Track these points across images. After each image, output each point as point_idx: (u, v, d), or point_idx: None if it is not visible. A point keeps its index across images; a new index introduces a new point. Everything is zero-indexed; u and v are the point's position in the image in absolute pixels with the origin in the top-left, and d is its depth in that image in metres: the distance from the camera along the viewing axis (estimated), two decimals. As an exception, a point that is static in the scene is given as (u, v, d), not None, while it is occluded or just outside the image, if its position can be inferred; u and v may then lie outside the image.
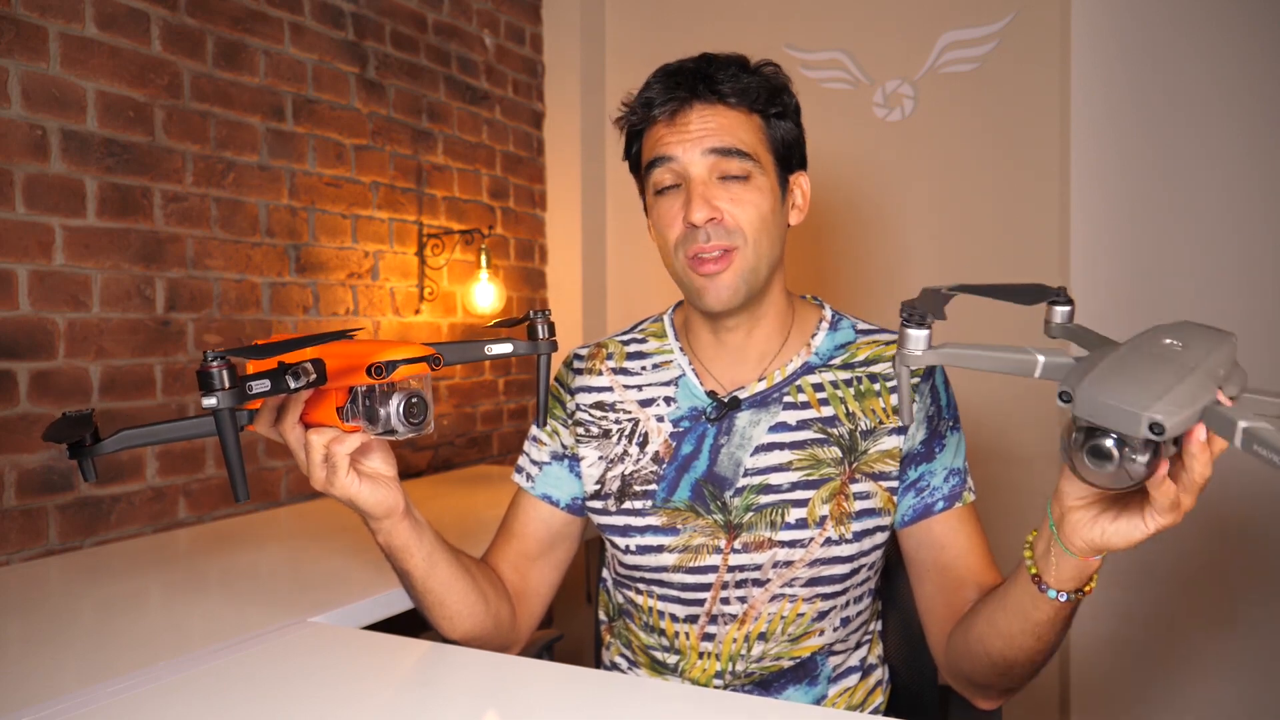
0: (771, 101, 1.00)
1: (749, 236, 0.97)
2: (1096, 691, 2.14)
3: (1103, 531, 0.72)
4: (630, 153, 1.07)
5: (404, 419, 0.80)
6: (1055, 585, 0.79)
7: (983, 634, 0.89)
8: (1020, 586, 0.82)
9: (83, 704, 0.84)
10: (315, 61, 2.00)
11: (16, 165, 1.46)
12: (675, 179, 0.99)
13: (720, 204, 0.96)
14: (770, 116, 1.00)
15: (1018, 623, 0.84)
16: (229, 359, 0.66)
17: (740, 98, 0.98)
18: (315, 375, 0.72)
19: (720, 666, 1.01)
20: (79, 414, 0.70)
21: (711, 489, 1.01)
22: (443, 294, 2.34)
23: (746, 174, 0.97)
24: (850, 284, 2.38)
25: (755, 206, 0.97)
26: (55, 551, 1.51)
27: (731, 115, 0.98)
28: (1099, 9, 2.10)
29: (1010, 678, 0.90)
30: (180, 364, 1.71)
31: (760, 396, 1.03)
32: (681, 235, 0.98)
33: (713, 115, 0.97)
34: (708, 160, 0.96)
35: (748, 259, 0.97)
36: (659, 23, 2.64)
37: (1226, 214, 2.00)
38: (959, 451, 1.02)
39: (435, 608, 0.99)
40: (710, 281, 0.97)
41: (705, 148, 0.96)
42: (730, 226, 0.96)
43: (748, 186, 0.97)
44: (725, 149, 0.96)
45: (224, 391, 0.66)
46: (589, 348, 1.14)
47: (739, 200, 0.97)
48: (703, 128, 0.97)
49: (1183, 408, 0.58)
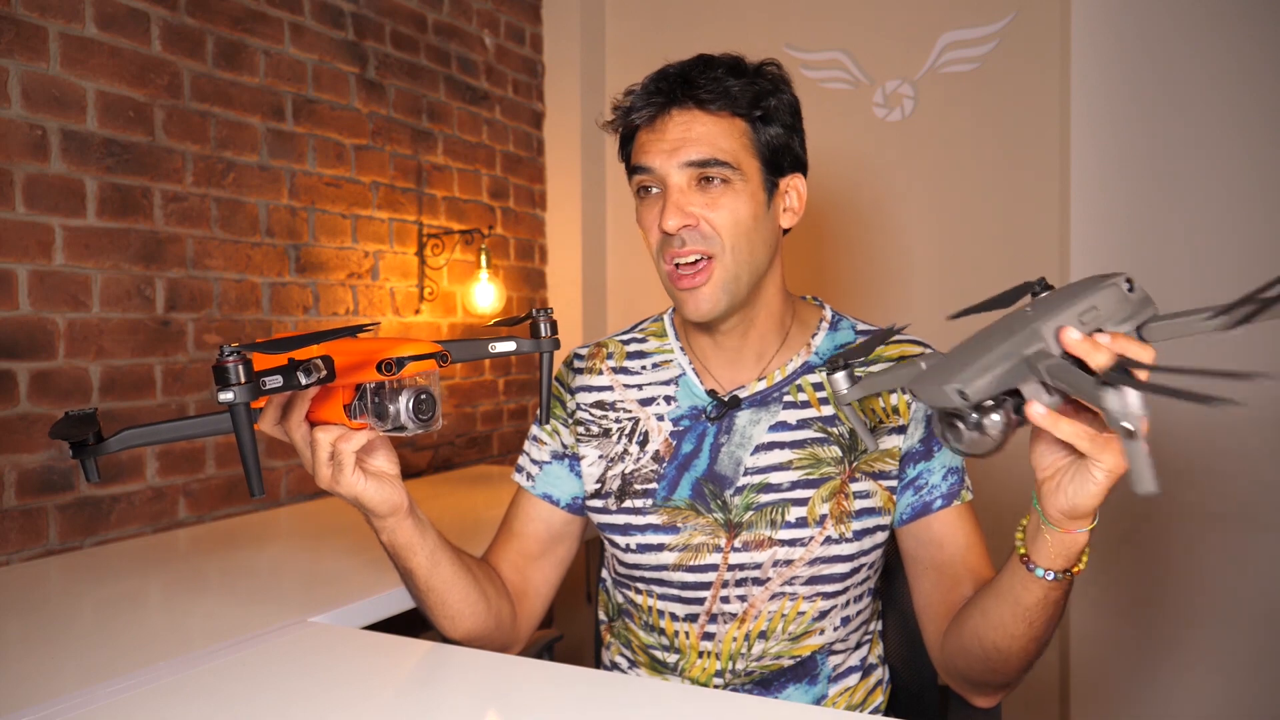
0: (756, 105, 0.98)
1: (726, 242, 0.96)
2: (1096, 690, 2.14)
3: (1067, 495, 0.73)
4: (624, 154, 1.07)
5: (414, 415, 0.80)
6: (1043, 564, 0.79)
7: (976, 624, 0.89)
8: (1012, 570, 0.83)
9: (83, 704, 0.84)
10: (315, 61, 2.00)
11: (16, 165, 1.46)
12: (656, 184, 0.99)
13: (695, 209, 0.96)
14: (755, 120, 0.99)
15: (1009, 608, 0.84)
16: (244, 354, 0.66)
17: (722, 102, 0.97)
18: (326, 372, 0.72)
19: (720, 665, 1.01)
20: (82, 413, 0.70)
21: (712, 488, 1.01)
22: (443, 294, 2.34)
23: (726, 179, 0.97)
24: (850, 284, 2.38)
25: (732, 212, 0.96)
26: (55, 551, 1.51)
27: (710, 121, 0.97)
28: (1099, 9, 2.10)
29: (1004, 671, 0.90)
30: (180, 364, 1.71)
31: (760, 396, 1.03)
32: (660, 240, 0.99)
33: (690, 123, 0.97)
34: (685, 171, 0.96)
35: (727, 267, 0.97)
36: (659, 23, 2.64)
37: (1226, 213, 2.00)
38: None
39: (437, 607, 0.99)
40: (690, 295, 0.98)
41: (681, 160, 0.96)
42: (706, 232, 0.96)
43: (726, 191, 0.97)
44: (701, 160, 0.96)
45: (240, 386, 0.66)
46: (589, 347, 1.15)
47: (715, 205, 0.96)
48: (681, 137, 0.96)
49: (982, 374, 0.67)
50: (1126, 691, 2.12)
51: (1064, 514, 0.75)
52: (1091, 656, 2.14)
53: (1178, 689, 2.07)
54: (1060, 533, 0.77)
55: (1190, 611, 2.06)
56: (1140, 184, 2.08)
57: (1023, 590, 0.82)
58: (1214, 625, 2.04)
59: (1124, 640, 2.12)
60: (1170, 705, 2.08)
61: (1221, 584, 2.03)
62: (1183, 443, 2.04)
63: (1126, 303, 0.69)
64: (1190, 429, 2.03)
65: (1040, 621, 0.84)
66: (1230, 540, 2.02)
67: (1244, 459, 2.00)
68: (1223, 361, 1.97)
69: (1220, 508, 2.02)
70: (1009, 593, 0.84)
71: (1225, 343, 1.97)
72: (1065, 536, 0.77)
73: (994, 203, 2.21)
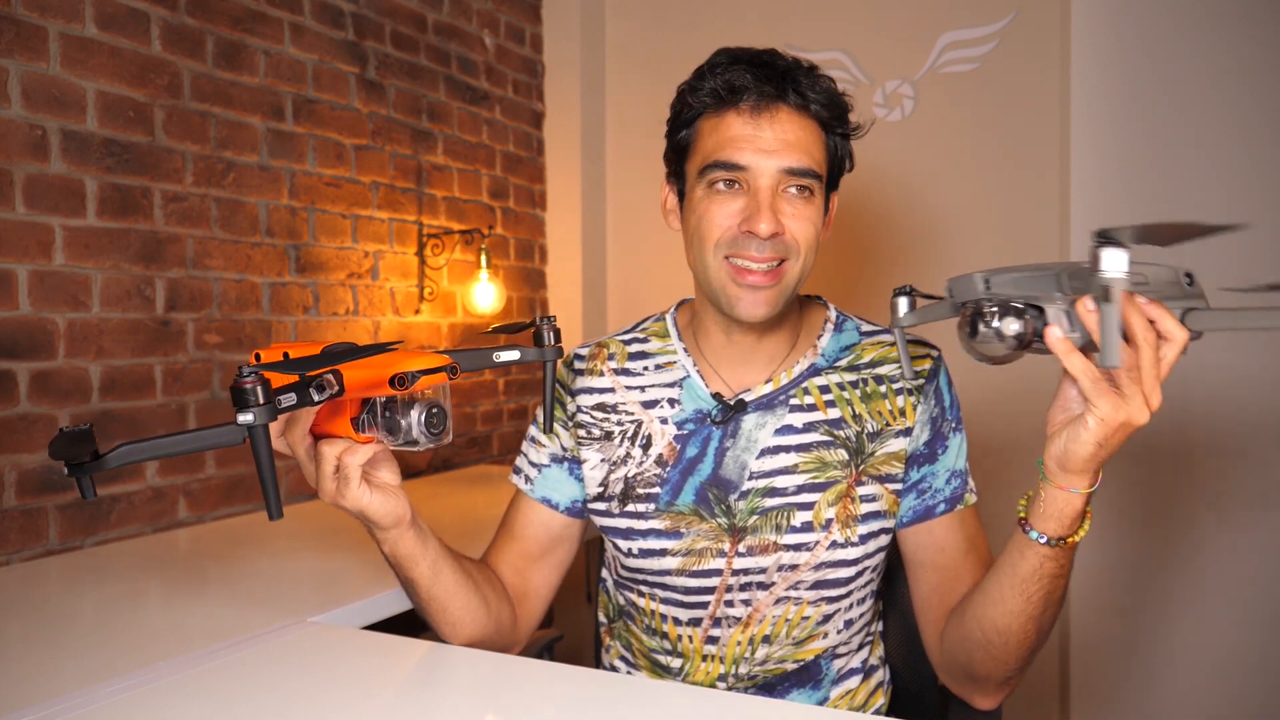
0: (843, 119, 0.98)
1: (802, 251, 0.95)
2: (1096, 690, 2.14)
3: (1063, 441, 0.75)
4: (678, 134, 1.00)
5: (426, 429, 0.80)
6: (1038, 527, 0.80)
7: (975, 605, 0.90)
8: (1011, 539, 0.84)
9: (83, 704, 0.84)
10: (315, 61, 2.00)
11: (16, 165, 1.46)
12: (741, 180, 0.95)
13: (784, 219, 0.94)
14: (835, 133, 0.98)
15: (1007, 578, 0.85)
16: (262, 374, 0.65)
17: (821, 109, 0.95)
18: (337, 387, 0.72)
19: (724, 669, 1.01)
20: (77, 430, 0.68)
21: (716, 492, 1.00)
22: (443, 294, 2.34)
23: (812, 190, 0.95)
24: (850, 284, 2.38)
25: (813, 224, 0.95)
26: (55, 551, 1.51)
27: (810, 128, 0.95)
28: (1099, 9, 2.10)
29: (1004, 659, 0.89)
30: (180, 364, 1.71)
31: (766, 399, 1.02)
32: (729, 237, 0.95)
33: (795, 125, 0.94)
34: (780, 176, 0.93)
35: (794, 274, 0.96)
36: (659, 23, 2.64)
37: (1226, 213, 2.00)
38: (961, 453, 1.02)
39: (439, 615, 0.98)
40: (753, 294, 0.94)
41: (782, 165, 0.93)
42: (789, 241, 0.94)
43: (809, 202, 0.95)
44: (802, 170, 0.93)
45: (260, 407, 0.65)
46: (589, 347, 1.13)
47: (800, 216, 0.94)
48: (782, 139, 0.93)
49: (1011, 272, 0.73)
50: (1126, 691, 2.12)
51: (1058, 463, 0.76)
52: (1091, 656, 2.14)
53: (1178, 689, 2.07)
54: (1054, 488, 0.78)
55: (1190, 612, 2.06)
56: (1140, 184, 2.08)
57: (1019, 558, 0.83)
58: (1215, 625, 2.04)
59: (1124, 640, 2.12)
60: (1170, 705, 2.08)
61: (1222, 584, 2.03)
62: (1185, 443, 2.04)
63: (1178, 287, 0.71)
64: (1194, 429, 2.03)
65: (1036, 597, 0.84)
66: (1231, 541, 2.02)
67: (1247, 459, 2.00)
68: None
69: (1222, 509, 2.02)
70: (1006, 563, 0.85)
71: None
72: (1059, 494, 0.78)
73: (994, 203, 2.21)
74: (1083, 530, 0.80)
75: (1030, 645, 0.88)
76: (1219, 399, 1.99)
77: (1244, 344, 1.96)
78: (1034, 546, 0.81)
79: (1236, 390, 1.98)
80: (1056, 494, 0.78)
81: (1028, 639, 0.87)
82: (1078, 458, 0.74)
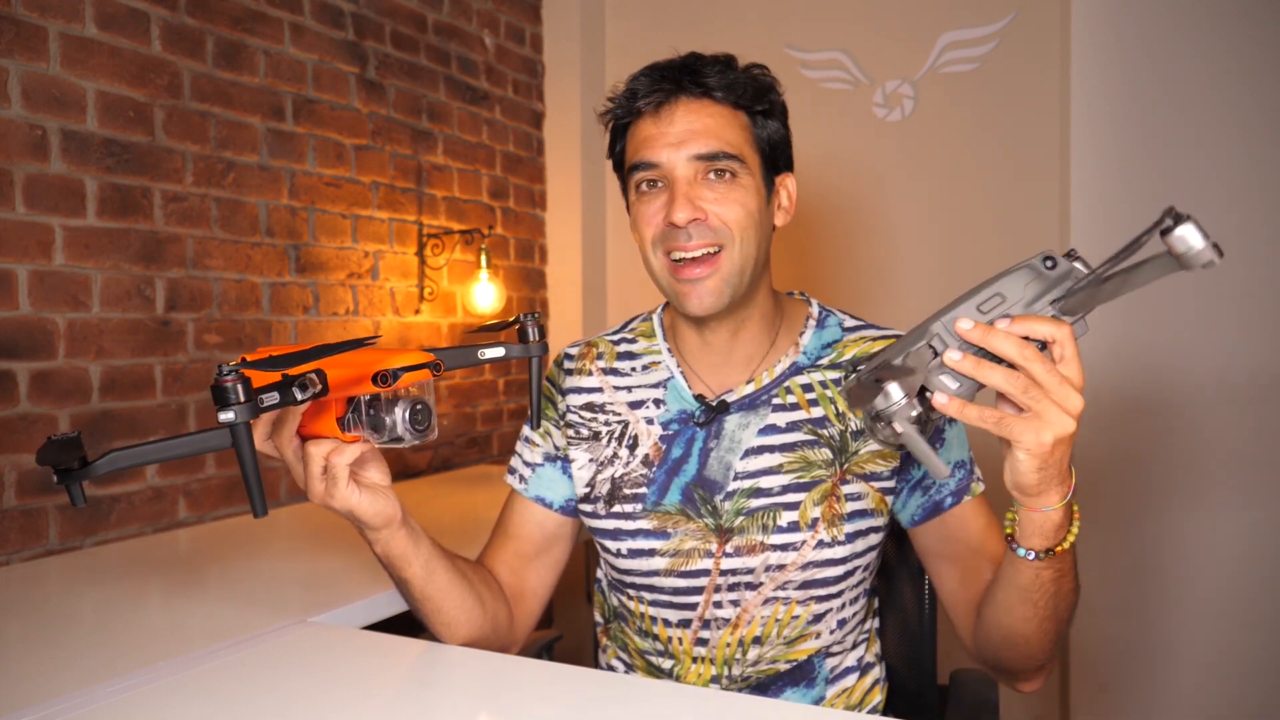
0: (758, 99, 0.98)
1: (735, 235, 0.95)
2: (1096, 690, 2.14)
3: (1009, 475, 0.75)
4: (614, 150, 1.05)
5: (410, 426, 0.80)
6: (1024, 544, 0.81)
7: (989, 613, 0.90)
8: (1005, 556, 0.85)
9: (83, 704, 0.84)
10: (315, 61, 2.00)
11: (16, 165, 1.46)
12: (660, 178, 0.98)
13: (705, 204, 0.95)
14: (756, 114, 0.99)
15: (1010, 591, 0.85)
16: (242, 372, 0.66)
17: (727, 93, 0.96)
18: (320, 386, 0.72)
19: (716, 671, 1.01)
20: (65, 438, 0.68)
21: (701, 493, 1.00)
22: (443, 294, 2.34)
23: (733, 173, 0.96)
24: (849, 284, 2.38)
25: (742, 205, 0.96)
26: (55, 551, 1.51)
27: (717, 112, 0.96)
28: (1099, 9, 2.10)
29: (1030, 654, 0.90)
30: (180, 364, 1.71)
31: (749, 399, 1.02)
32: (660, 233, 0.97)
33: (699, 112, 0.96)
34: (693, 164, 0.95)
35: (734, 260, 0.96)
36: (659, 23, 2.64)
37: (1226, 213, 2.00)
38: (960, 443, 1.02)
39: (434, 614, 0.98)
40: (693, 286, 0.96)
41: (690, 153, 0.95)
42: (715, 225, 0.95)
43: (734, 185, 0.96)
44: (711, 154, 0.95)
45: (240, 405, 0.65)
46: (579, 346, 1.13)
47: (724, 199, 0.95)
48: (688, 128, 0.95)
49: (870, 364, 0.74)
50: (1126, 691, 2.12)
51: (1017, 490, 0.76)
52: (1091, 656, 2.14)
53: (1178, 689, 2.07)
54: (1026, 510, 0.78)
55: (1190, 612, 2.06)
56: (1140, 184, 2.08)
57: (1014, 572, 0.83)
58: (1215, 625, 2.04)
59: (1124, 640, 2.12)
60: (1170, 705, 2.08)
61: (1222, 584, 2.03)
62: (1184, 443, 2.04)
63: (1039, 281, 0.70)
64: (1193, 429, 2.03)
65: (1042, 601, 0.84)
66: (1231, 541, 2.02)
67: (1247, 459, 2.00)
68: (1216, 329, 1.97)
69: (1222, 509, 2.02)
70: (1005, 576, 0.85)
71: (1210, 315, 1.97)
72: (1033, 515, 0.78)
73: (994, 203, 2.21)
74: (1071, 535, 0.80)
75: (1052, 637, 0.89)
76: (1218, 399, 1.99)
77: (1243, 343, 1.96)
78: (1025, 562, 0.81)
79: (1236, 390, 1.98)
80: (1031, 514, 0.78)
81: (1047, 635, 0.88)
82: (1028, 484, 0.74)
